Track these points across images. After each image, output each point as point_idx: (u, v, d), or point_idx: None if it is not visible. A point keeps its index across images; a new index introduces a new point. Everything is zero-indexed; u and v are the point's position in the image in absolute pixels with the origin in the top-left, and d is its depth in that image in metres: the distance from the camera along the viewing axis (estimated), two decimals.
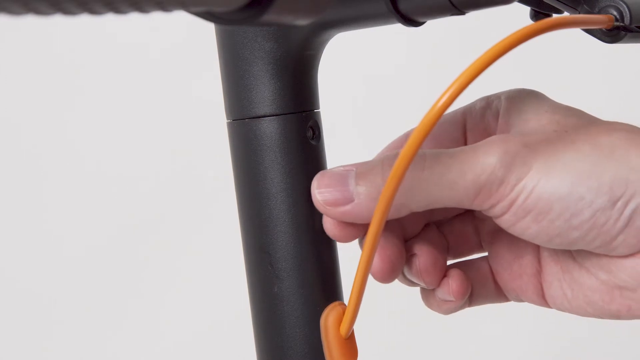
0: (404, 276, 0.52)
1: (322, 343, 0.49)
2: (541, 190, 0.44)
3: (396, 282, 0.53)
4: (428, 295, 0.52)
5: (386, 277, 0.49)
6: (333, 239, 0.50)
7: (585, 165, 0.44)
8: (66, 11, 0.26)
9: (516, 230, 0.46)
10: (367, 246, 0.45)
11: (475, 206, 0.46)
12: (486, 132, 0.51)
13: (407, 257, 0.51)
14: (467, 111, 0.52)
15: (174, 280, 1.33)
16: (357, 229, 0.49)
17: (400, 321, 1.27)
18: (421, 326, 1.23)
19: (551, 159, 0.44)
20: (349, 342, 0.49)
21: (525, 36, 0.42)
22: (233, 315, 1.16)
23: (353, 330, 0.49)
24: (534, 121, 0.47)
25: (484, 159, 0.45)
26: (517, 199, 0.45)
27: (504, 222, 0.46)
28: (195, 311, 1.33)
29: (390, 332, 1.28)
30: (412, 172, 0.45)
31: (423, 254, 0.51)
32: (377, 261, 0.49)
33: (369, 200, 0.46)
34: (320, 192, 0.48)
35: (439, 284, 0.51)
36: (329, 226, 0.49)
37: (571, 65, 1.26)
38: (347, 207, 0.47)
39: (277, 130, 0.51)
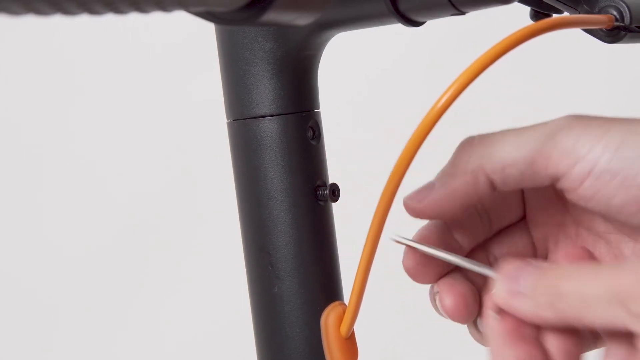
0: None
1: (322, 343, 0.49)
2: (627, 150, 0.42)
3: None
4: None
5: (460, 316, 0.48)
6: (412, 279, 0.49)
7: None
8: (66, 11, 0.26)
9: (600, 201, 0.44)
10: (368, 246, 0.45)
11: (551, 169, 0.44)
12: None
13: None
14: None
15: (174, 281, 1.33)
16: (435, 270, 0.48)
17: (401, 321, 1.27)
18: (422, 326, 1.22)
19: (630, 124, 0.43)
20: (350, 342, 0.49)
21: (526, 36, 0.42)
22: (233, 315, 1.16)
23: (353, 330, 0.49)
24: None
25: (557, 121, 0.44)
26: (601, 159, 0.43)
27: (586, 190, 0.44)
28: (195, 311, 1.33)
29: (391, 332, 1.27)
30: (482, 138, 0.45)
31: (448, 295, 0.48)
32: (449, 299, 0.48)
33: (442, 189, 0.46)
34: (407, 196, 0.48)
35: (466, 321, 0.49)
36: (408, 265, 0.48)
37: (571, 65, 1.26)
38: (425, 195, 0.46)
39: (277, 130, 0.51)
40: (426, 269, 0.48)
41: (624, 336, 0.43)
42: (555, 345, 0.45)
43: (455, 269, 0.48)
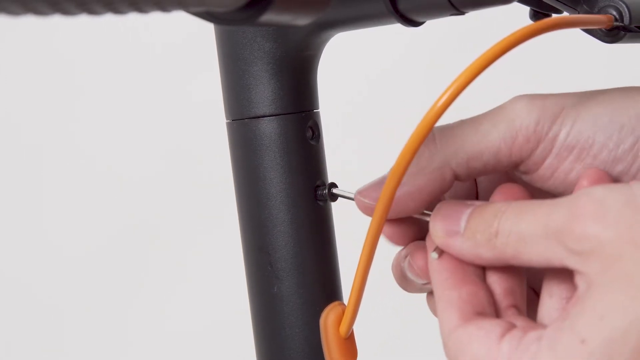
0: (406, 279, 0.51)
1: (321, 343, 0.49)
2: (582, 123, 0.44)
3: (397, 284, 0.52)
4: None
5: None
6: (388, 239, 0.48)
7: (620, 99, 0.44)
8: (65, 11, 0.26)
9: (558, 178, 0.45)
10: (367, 246, 0.45)
11: (514, 155, 0.45)
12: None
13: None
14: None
15: (174, 281, 1.33)
16: (408, 232, 0.48)
17: (401, 321, 1.27)
18: (421, 326, 1.22)
19: (583, 97, 0.44)
20: (349, 342, 0.49)
21: (525, 36, 0.42)
22: (233, 315, 1.16)
23: (353, 330, 0.49)
24: None
25: (513, 106, 0.45)
26: (559, 136, 0.44)
27: (546, 170, 0.44)
28: (195, 311, 1.32)
29: (390, 332, 1.27)
30: (443, 133, 0.45)
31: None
32: (421, 260, 0.47)
33: (406, 187, 0.45)
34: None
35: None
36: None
37: (571, 65, 1.26)
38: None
39: (277, 131, 0.51)
40: (400, 229, 0.47)
41: (563, 274, 0.42)
42: (498, 283, 0.44)
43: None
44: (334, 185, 0.53)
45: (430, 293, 0.50)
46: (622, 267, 0.38)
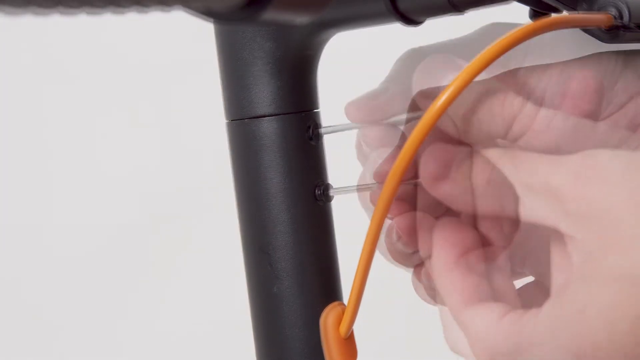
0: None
1: (321, 343, 0.49)
2: (568, 70, 0.45)
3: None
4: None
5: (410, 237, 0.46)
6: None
7: (605, 54, 0.46)
8: (66, 6, 0.26)
9: (555, 127, 0.44)
10: (367, 246, 0.45)
11: (507, 106, 0.44)
12: None
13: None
14: None
15: (173, 280, 1.33)
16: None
17: (400, 321, 1.27)
18: (422, 326, 1.22)
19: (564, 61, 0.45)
20: (349, 342, 0.49)
21: (524, 35, 0.42)
22: (233, 315, 1.16)
23: (352, 331, 0.49)
24: None
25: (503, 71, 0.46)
26: (550, 83, 0.45)
27: (542, 120, 0.44)
28: (195, 311, 1.32)
29: (390, 332, 1.27)
30: None
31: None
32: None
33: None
34: None
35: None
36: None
37: None
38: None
39: (277, 131, 0.51)
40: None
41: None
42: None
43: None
44: (329, 186, 0.53)
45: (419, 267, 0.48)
46: (625, 231, 0.36)
